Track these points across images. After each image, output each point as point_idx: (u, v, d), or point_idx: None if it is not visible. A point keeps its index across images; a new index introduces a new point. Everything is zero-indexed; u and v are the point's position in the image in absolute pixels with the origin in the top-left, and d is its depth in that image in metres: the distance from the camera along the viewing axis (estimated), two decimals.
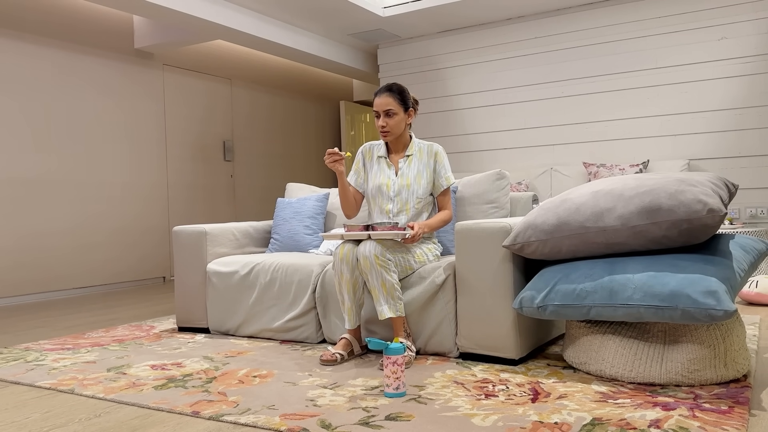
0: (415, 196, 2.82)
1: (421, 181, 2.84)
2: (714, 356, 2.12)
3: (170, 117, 6.33)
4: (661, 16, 5.47)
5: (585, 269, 2.27)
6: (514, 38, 6.16)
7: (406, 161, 2.88)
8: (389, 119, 2.79)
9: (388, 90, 2.80)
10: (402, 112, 2.82)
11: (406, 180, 2.84)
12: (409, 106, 2.85)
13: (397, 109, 2.79)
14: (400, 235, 2.53)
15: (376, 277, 2.53)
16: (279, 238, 3.62)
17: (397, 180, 2.86)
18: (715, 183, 2.25)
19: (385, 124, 2.79)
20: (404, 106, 2.82)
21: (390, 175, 2.88)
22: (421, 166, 2.86)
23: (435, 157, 2.87)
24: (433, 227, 2.76)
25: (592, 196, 2.33)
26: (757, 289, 3.76)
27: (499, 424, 1.81)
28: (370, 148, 2.99)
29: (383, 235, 2.53)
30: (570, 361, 2.41)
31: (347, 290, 2.65)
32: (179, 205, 6.42)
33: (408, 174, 2.85)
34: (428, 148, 2.89)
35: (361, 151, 2.99)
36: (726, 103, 5.25)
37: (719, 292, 1.97)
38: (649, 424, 1.77)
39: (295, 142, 7.97)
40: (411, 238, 2.59)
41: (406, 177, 2.85)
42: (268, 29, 5.94)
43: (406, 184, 2.83)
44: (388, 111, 2.78)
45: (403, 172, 2.86)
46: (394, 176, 2.87)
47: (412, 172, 2.85)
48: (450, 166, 2.87)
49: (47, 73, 5.22)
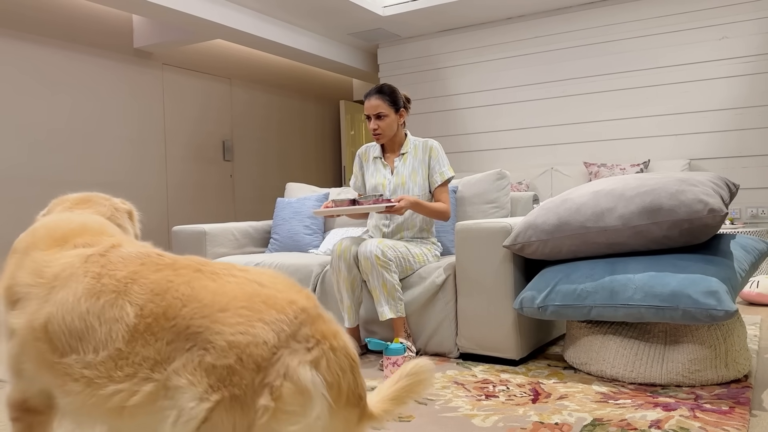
0: (411, 194, 2.79)
1: (417, 178, 2.81)
2: (715, 356, 2.12)
3: (169, 117, 6.32)
4: (662, 15, 5.47)
5: (586, 269, 2.26)
6: (514, 38, 6.15)
7: (401, 159, 2.85)
8: (380, 122, 2.77)
9: (377, 92, 2.77)
10: (393, 113, 2.79)
11: (401, 178, 2.81)
12: (401, 107, 2.82)
13: (387, 110, 2.76)
14: (384, 207, 2.51)
15: (376, 277, 2.53)
16: (279, 238, 3.61)
17: (392, 179, 2.84)
18: (716, 183, 2.25)
19: (377, 126, 2.77)
20: (395, 107, 2.79)
21: (386, 175, 2.86)
22: (416, 164, 2.83)
23: (430, 152, 2.83)
24: (425, 208, 2.70)
25: (593, 196, 2.33)
26: (758, 290, 3.76)
27: (500, 425, 1.80)
28: (366, 150, 2.98)
29: (367, 208, 2.51)
30: (571, 361, 2.41)
31: (345, 288, 2.64)
32: (179, 205, 6.42)
33: (403, 172, 2.83)
34: (423, 145, 2.85)
35: (359, 155, 2.98)
36: (727, 103, 5.24)
37: (720, 292, 1.96)
38: (649, 424, 1.76)
39: (294, 141, 7.97)
40: (395, 209, 2.56)
41: (401, 175, 2.82)
42: (268, 29, 5.93)
43: (401, 182, 2.81)
44: (379, 114, 2.76)
45: (399, 171, 2.84)
46: (390, 175, 2.85)
47: (407, 170, 2.83)
48: (448, 161, 2.82)
49: (46, 73, 5.21)
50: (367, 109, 2.78)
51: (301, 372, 1.03)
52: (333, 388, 1.06)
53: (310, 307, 1.12)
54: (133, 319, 1.10)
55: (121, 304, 1.12)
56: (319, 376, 1.05)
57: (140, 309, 1.11)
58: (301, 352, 1.05)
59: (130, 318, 1.11)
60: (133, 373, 1.09)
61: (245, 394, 1.01)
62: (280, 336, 1.05)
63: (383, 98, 2.76)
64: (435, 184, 2.81)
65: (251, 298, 1.10)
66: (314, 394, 1.03)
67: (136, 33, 5.94)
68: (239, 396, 1.01)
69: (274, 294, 1.11)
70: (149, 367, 1.08)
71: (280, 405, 1.01)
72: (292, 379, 1.02)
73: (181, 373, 1.04)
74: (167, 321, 1.08)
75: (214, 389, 1.02)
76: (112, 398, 1.10)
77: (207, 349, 1.04)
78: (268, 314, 1.07)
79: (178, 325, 1.07)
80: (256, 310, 1.08)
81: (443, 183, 2.81)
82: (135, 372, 1.09)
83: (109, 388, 1.10)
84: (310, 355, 1.05)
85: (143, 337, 1.09)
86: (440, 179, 2.79)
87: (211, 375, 1.02)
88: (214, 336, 1.05)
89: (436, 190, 2.82)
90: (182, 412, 1.03)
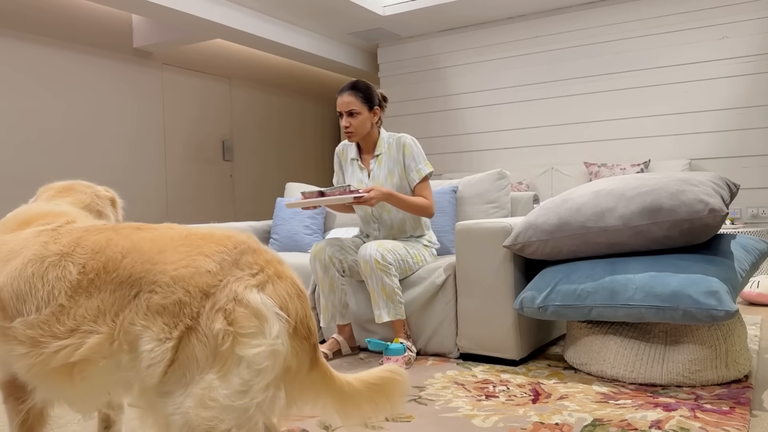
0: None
1: (393, 179, 2.71)
2: (715, 357, 2.11)
3: (169, 116, 6.32)
4: (663, 15, 5.46)
5: (586, 269, 2.26)
6: (514, 37, 6.14)
7: (377, 161, 2.75)
8: (352, 119, 2.67)
9: (351, 88, 2.68)
10: (366, 111, 2.68)
11: (378, 182, 2.72)
12: (375, 104, 2.71)
13: (360, 108, 2.66)
14: (351, 198, 2.44)
15: (376, 281, 2.53)
16: (278, 238, 3.61)
17: (369, 183, 2.75)
18: (717, 183, 2.24)
19: (348, 124, 2.67)
20: (369, 104, 2.69)
21: (362, 179, 2.77)
22: (391, 164, 2.72)
23: (404, 150, 2.71)
24: (402, 201, 2.61)
25: (593, 196, 2.32)
26: (758, 290, 3.75)
27: (500, 425, 1.80)
28: (344, 149, 2.89)
29: (334, 200, 2.43)
30: (571, 361, 2.40)
31: (323, 289, 2.67)
32: (178, 205, 6.41)
33: (379, 175, 2.73)
34: (397, 142, 2.73)
35: (337, 154, 2.90)
36: (728, 103, 5.24)
37: (720, 292, 1.96)
38: (650, 424, 1.76)
39: (294, 141, 7.96)
40: (365, 200, 2.48)
41: (377, 179, 2.72)
42: (268, 28, 5.92)
43: (378, 185, 2.67)
44: (351, 111, 2.66)
45: (375, 174, 2.74)
46: (366, 179, 2.76)
47: (382, 172, 2.72)
48: (425, 156, 2.71)
49: (45, 72, 5.20)
50: (339, 105, 2.68)
51: (249, 295, 1.05)
52: (282, 311, 1.07)
53: (250, 241, 1.15)
54: (75, 276, 1.13)
55: (64, 264, 1.16)
56: (268, 298, 1.06)
57: (82, 267, 1.14)
58: (245, 278, 1.07)
59: (73, 275, 1.14)
60: (75, 326, 1.11)
61: (201, 324, 1.03)
62: (223, 265, 1.08)
63: (356, 95, 2.66)
64: (413, 183, 2.71)
65: (188, 237, 1.13)
66: (268, 314, 1.05)
67: (136, 33, 5.93)
68: (195, 327, 1.03)
69: (211, 232, 1.15)
70: (92, 319, 1.10)
71: (237, 329, 1.03)
72: (242, 302, 1.04)
73: (135, 321, 1.06)
74: (108, 273, 1.11)
75: (171, 327, 1.04)
76: (56, 355, 1.12)
77: (153, 290, 1.06)
78: (207, 247, 1.10)
79: (120, 275, 1.10)
80: (194, 245, 1.11)
81: (422, 180, 2.70)
82: (78, 325, 1.11)
83: (52, 345, 1.12)
84: (255, 280, 1.07)
85: (86, 291, 1.12)
86: (417, 177, 2.69)
87: (164, 314, 1.05)
88: (157, 276, 1.07)
89: (415, 188, 2.71)
90: (144, 358, 1.04)
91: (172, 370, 1.03)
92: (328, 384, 1.15)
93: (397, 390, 1.21)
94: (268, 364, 1.04)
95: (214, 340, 1.02)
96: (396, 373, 1.21)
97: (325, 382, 1.15)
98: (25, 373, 1.19)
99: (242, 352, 1.02)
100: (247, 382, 1.02)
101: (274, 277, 1.10)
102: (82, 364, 1.11)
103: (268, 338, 1.04)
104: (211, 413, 1.00)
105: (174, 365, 1.03)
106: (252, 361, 1.02)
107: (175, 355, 1.03)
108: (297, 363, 1.10)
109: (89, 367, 1.11)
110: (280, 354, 1.05)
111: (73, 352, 1.11)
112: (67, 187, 1.58)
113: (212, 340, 1.02)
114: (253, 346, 1.03)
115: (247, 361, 1.02)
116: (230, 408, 1.01)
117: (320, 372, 1.14)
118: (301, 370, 1.11)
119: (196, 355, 1.02)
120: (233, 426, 1.01)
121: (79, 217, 1.41)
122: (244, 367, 1.02)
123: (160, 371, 1.03)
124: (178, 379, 1.03)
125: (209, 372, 1.02)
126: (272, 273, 1.10)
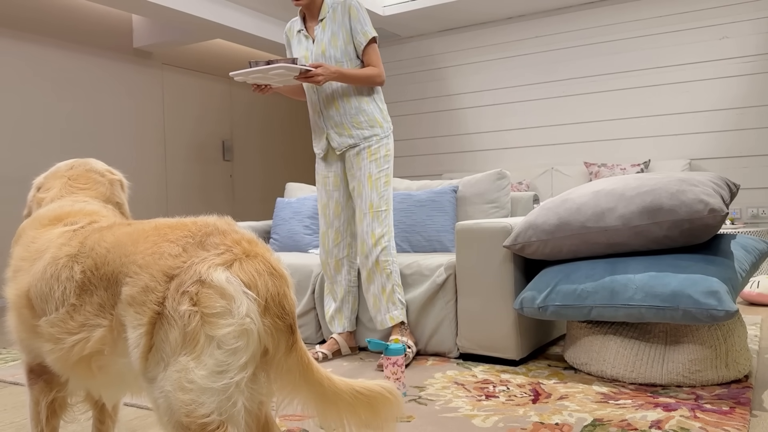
0: (334, 61, 2.57)
1: (337, 42, 2.57)
2: (715, 357, 2.11)
3: (169, 116, 6.32)
4: (662, 15, 5.46)
5: (586, 269, 2.26)
6: (514, 37, 6.15)
7: (321, 27, 2.61)
8: None
9: None
10: None
11: (321, 47, 2.58)
12: None
13: None
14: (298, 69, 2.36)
15: (377, 285, 2.54)
16: (278, 238, 3.61)
17: (313, 49, 2.62)
18: (717, 183, 2.24)
19: None
20: None
21: (308, 46, 2.64)
22: (335, 27, 2.59)
23: (349, 12, 2.57)
24: (351, 76, 2.51)
25: (593, 196, 2.32)
26: (758, 290, 3.75)
27: (500, 425, 1.80)
28: (290, 25, 2.76)
29: (282, 66, 2.33)
30: (571, 361, 2.41)
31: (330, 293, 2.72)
32: (178, 205, 6.42)
33: (323, 40, 2.59)
34: (342, 6, 2.59)
35: (285, 33, 2.78)
36: (727, 103, 5.24)
37: (721, 292, 1.96)
38: (650, 424, 1.76)
39: (294, 141, 7.96)
40: (312, 75, 2.41)
41: (321, 44, 2.59)
42: (268, 28, 5.92)
43: (322, 50, 2.58)
44: None
45: (318, 39, 2.60)
46: (312, 45, 2.63)
47: (326, 36, 2.59)
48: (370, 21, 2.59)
49: (46, 73, 5.20)
50: None
51: (214, 274, 1.05)
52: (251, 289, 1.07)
53: (222, 224, 1.16)
54: (79, 276, 1.20)
55: (71, 265, 1.22)
56: (234, 276, 1.06)
57: (83, 266, 1.20)
58: (210, 258, 1.07)
59: (77, 275, 1.20)
60: (83, 321, 1.18)
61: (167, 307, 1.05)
62: (186, 247, 1.10)
63: None
64: (360, 46, 2.57)
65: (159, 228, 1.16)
66: (234, 292, 1.05)
67: (136, 33, 5.93)
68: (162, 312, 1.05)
69: (184, 222, 1.18)
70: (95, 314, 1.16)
71: (203, 309, 1.03)
72: (206, 283, 1.05)
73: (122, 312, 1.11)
74: (98, 270, 1.18)
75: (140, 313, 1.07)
76: (72, 349, 1.19)
77: (127, 282, 1.11)
78: (172, 234, 1.13)
79: (107, 271, 1.17)
80: (162, 234, 1.14)
81: (369, 42, 2.57)
82: (85, 320, 1.17)
83: (68, 340, 1.19)
84: (220, 259, 1.07)
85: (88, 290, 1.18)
86: (364, 39, 2.56)
87: (134, 302, 1.08)
88: (129, 267, 1.12)
89: (363, 52, 2.58)
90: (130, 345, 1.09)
91: (151, 355, 1.06)
92: (306, 373, 1.13)
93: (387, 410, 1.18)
94: (242, 344, 1.04)
95: (182, 322, 1.03)
96: (389, 391, 1.18)
97: (302, 369, 1.13)
98: (55, 367, 1.28)
99: (212, 332, 1.03)
100: (222, 363, 1.03)
101: (242, 255, 1.09)
102: (96, 357, 1.18)
103: (237, 317, 1.04)
104: (190, 396, 1.01)
105: (152, 350, 1.06)
106: (223, 341, 1.03)
107: (152, 341, 1.06)
108: (273, 343, 1.09)
109: (101, 359, 1.18)
110: (251, 332, 1.05)
111: (84, 346, 1.18)
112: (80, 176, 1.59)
113: (180, 322, 1.03)
114: (222, 326, 1.03)
115: (218, 341, 1.03)
116: (209, 390, 1.02)
117: (298, 358, 1.12)
118: (277, 351, 1.10)
119: (168, 339, 1.04)
120: (213, 410, 1.02)
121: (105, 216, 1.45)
122: (217, 348, 1.03)
123: (140, 357, 1.07)
124: (157, 363, 1.05)
125: (182, 354, 1.03)
126: (239, 252, 1.09)
